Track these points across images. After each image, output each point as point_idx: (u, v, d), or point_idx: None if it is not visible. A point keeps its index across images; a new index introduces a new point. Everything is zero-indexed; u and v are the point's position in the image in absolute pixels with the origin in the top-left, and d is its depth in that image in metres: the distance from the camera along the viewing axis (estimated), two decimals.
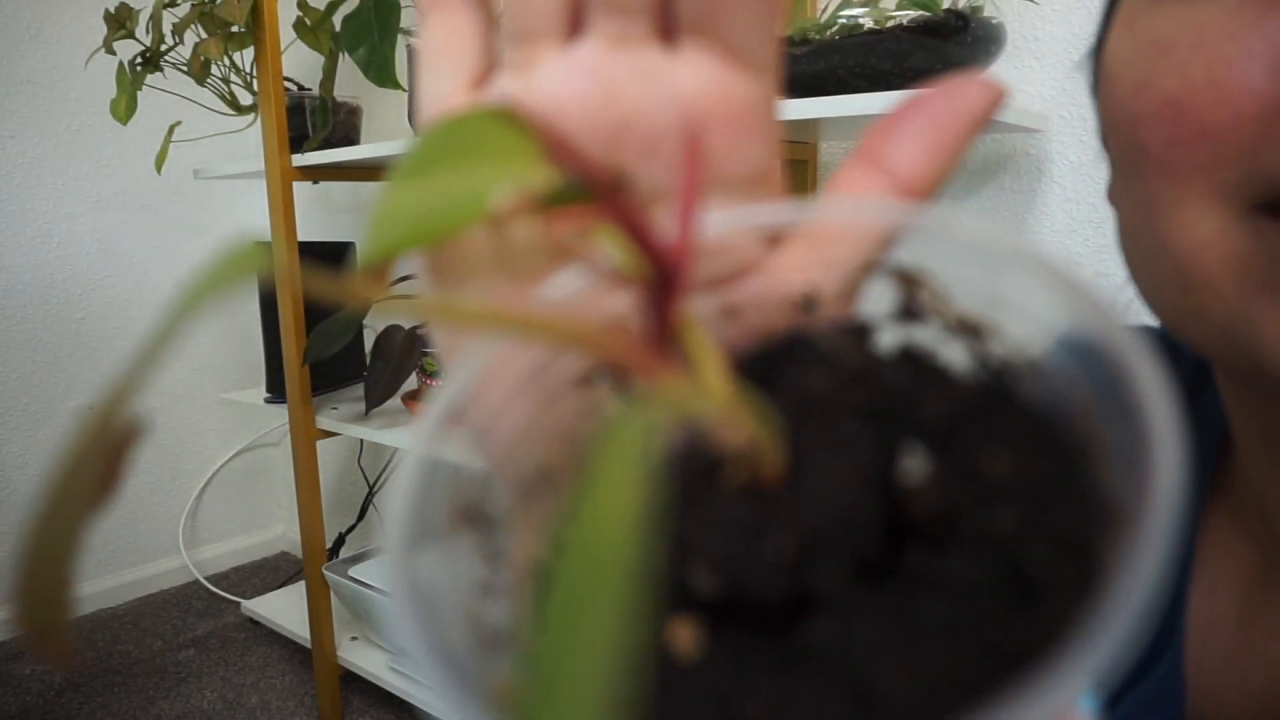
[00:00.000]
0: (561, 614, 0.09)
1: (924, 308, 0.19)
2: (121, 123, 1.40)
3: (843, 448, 0.15)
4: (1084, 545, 0.14)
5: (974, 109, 0.19)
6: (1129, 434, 0.13)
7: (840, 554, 0.14)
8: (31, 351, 1.89)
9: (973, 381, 0.17)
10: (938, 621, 0.13)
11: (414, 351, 1.39)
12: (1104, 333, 0.14)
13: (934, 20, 0.87)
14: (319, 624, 1.53)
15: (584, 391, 0.19)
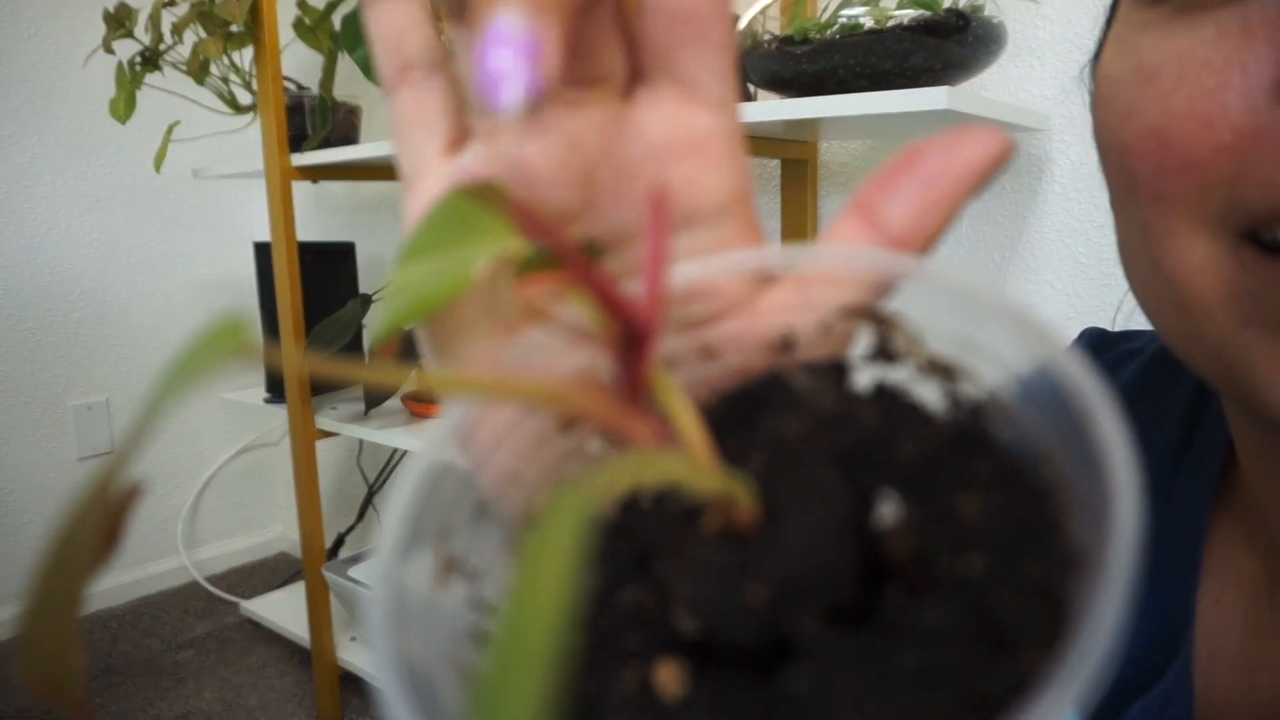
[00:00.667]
0: (486, 697, 0.09)
1: (897, 350, 0.19)
2: (121, 122, 1.40)
3: (817, 492, 0.16)
4: (1052, 591, 0.14)
5: (973, 167, 0.19)
6: (1092, 480, 0.14)
7: (815, 600, 0.14)
8: (29, 351, 1.89)
9: (946, 423, 0.18)
10: (912, 668, 0.13)
11: (413, 352, 1.39)
12: (1066, 379, 0.15)
13: (934, 19, 0.86)
14: (318, 624, 1.53)
15: (569, 436, 0.20)
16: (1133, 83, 0.28)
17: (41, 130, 1.86)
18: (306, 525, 1.50)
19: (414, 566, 0.17)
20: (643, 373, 0.15)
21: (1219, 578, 0.37)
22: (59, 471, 1.94)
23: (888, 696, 0.13)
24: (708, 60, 0.19)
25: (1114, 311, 0.99)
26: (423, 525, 0.17)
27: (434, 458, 0.17)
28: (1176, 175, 0.27)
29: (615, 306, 0.15)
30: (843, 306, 0.19)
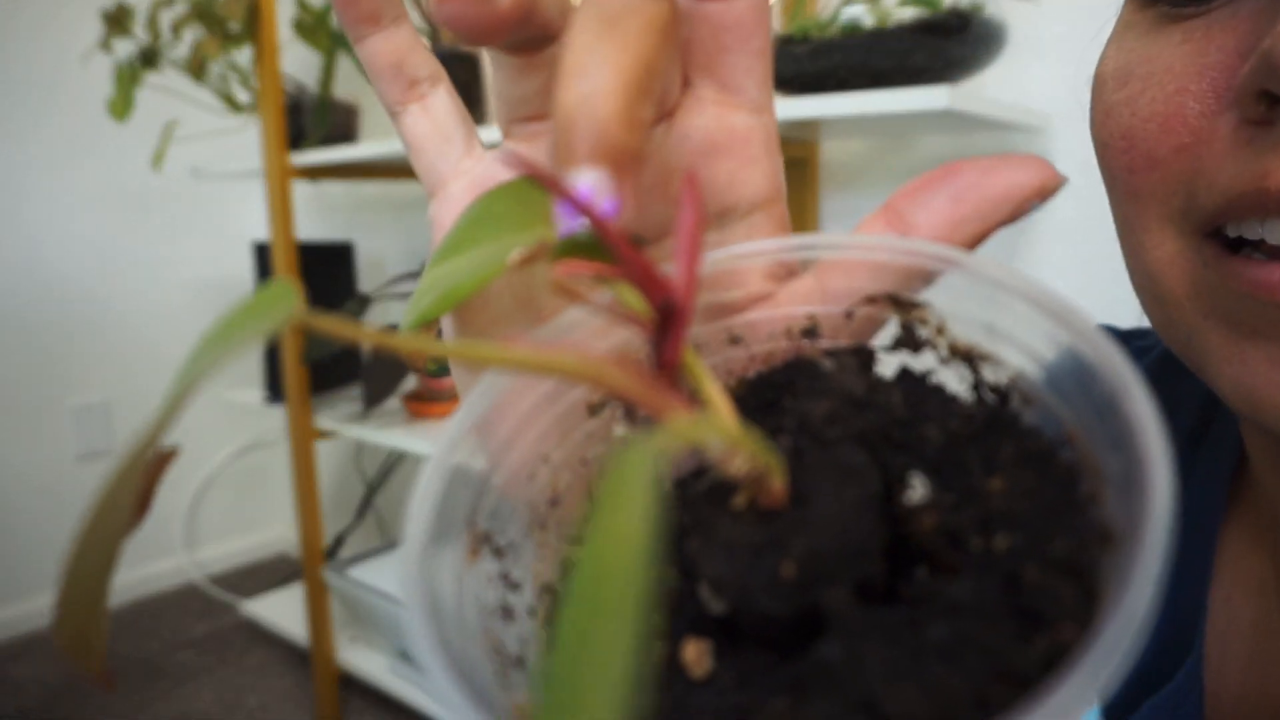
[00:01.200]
0: (572, 634, 0.09)
1: (924, 336, 0.19)
2: (119, 121, 1.40)
3: (845, 471, 0.16)
4: (1083, 568, 0.14)
5: (1008, 191, 0.19)
6: (1123, 459, 0.14)
7: (844, 575, 0.15)
8: (27, 351, 1.89)
9: (971, 407, 0.18)
10: (942, 643, 0.14)
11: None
12: (1096, 359, 0.15)
13: (935, 19, 0.86)
14: (317, 625, 1.53)
15: (595, 418, 0.20)
16: (1112, 84, 0.30)
17: (39, 130, 1.86)
18: (306, 525, 1.49)
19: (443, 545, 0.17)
20: (676, 350, 0.16)
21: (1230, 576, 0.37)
22: (56, 472, 1.94)
23: (917, 668, 0.13)
24: (749, 67, 0.20)
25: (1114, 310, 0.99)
26: (450, 504, 0.17)
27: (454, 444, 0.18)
28: (1143, 173, 0.28)
29: (652, 283, 0.15)
30: (868, 294, 0.20)
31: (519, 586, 0.19)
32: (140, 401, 2.04)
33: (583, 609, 0.10)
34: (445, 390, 1.38)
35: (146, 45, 1.39)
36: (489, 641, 0.17)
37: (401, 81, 0.22)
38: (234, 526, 2.23)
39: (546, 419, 0.20)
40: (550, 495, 0.20)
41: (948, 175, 0.20)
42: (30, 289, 1.88)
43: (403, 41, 0.22)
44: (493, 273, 0.16)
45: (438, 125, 0.22)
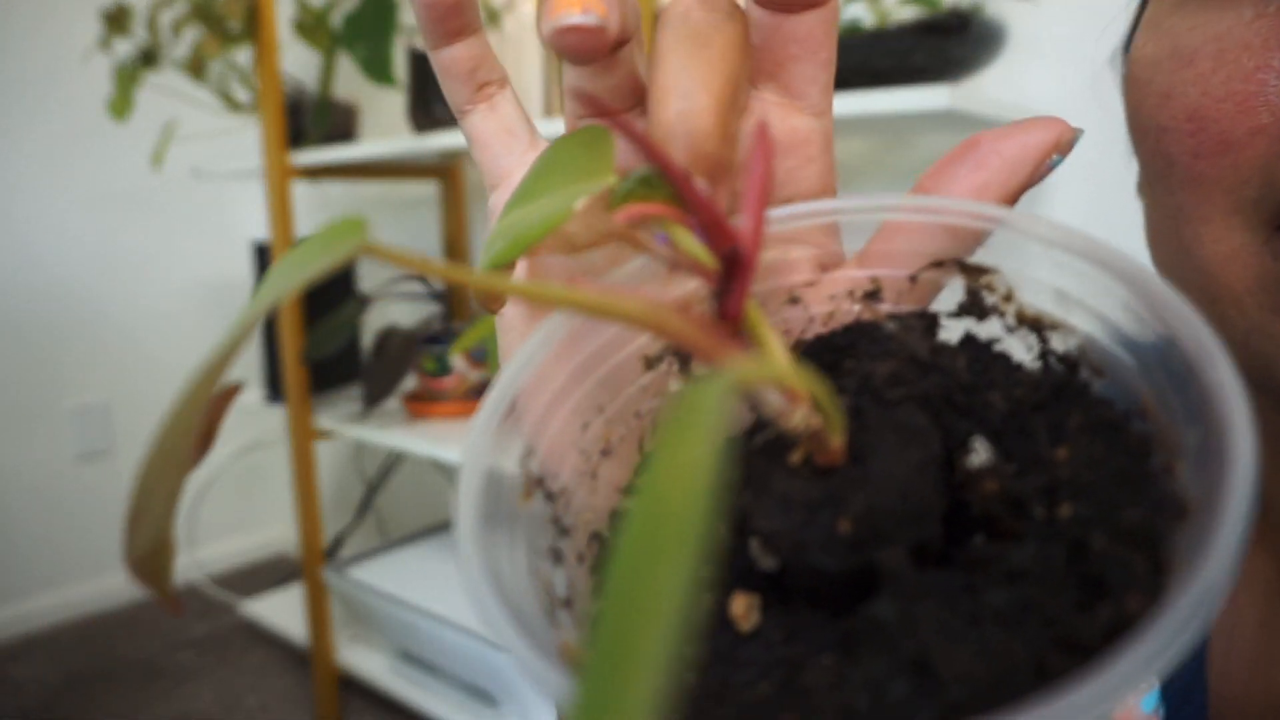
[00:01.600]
0: (627, 568, 0.09)
1: (990, 303, 0.19)
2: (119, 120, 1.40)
3: (907, 432, 0.16)
4: (1152, 540, 0.14)
5: (1025, 150, 0.20)
6: (1201, 430, 0.13)
7: (901, 535, 0.15)
8: (25, 351, 1.89)
9: (1038, 376, 0.18)
10: (1000, 608, 0.13)
11: (412, 352, 1.38)
12: (1176, 327, 0.14)
13: (935, 19, 0.86)
14: (317, 625, 1.53)
15: (651, 372, 0.21)
16: (1170, 65, 0.28)
17: (38, 130, 1.86)
18: (305, 526, 1.49)
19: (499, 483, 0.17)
20: (740, 301, 0.16)
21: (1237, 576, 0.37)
22: (55, 472, 1.94)
23: (974, 631, 0.13)
24: (814, 75, 0.21)
25: None
26: (507, 441, 0.17)
27: (514, 381, 0.18)
28: (1213, 158, 0.27)
29: (720, 231, 0.15)
30: (936, 258, 0.20)
31: (568, 532, 0.19)
32: (139, 402, 2.03)
33: (640, 541, 0.09)
34: (445, 390, 1.38)
35: (146, 45, 1.39)
36: (539, 581, 0.17)
37: (473, 84, 0.23)
38: (234, 526, 2.22)
39: (604, 370, 0.20)
40: (603, 446, 0.20)
41: (967, 148, 0.20)
42: (29, 289, 1.88)
43: (480, 48, 0.23)
44: (560, 218, 0.17)
45: (504, 123, 0.24)
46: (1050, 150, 0.20)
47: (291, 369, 1.41)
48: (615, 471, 0.21)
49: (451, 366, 1.37)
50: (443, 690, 1.42)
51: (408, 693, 1.43)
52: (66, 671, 1.76)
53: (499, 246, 0.18)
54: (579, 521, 0.19)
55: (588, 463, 0.20)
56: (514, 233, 0.18)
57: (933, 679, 0.13)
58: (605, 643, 0.09)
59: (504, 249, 0.18)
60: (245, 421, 2.15)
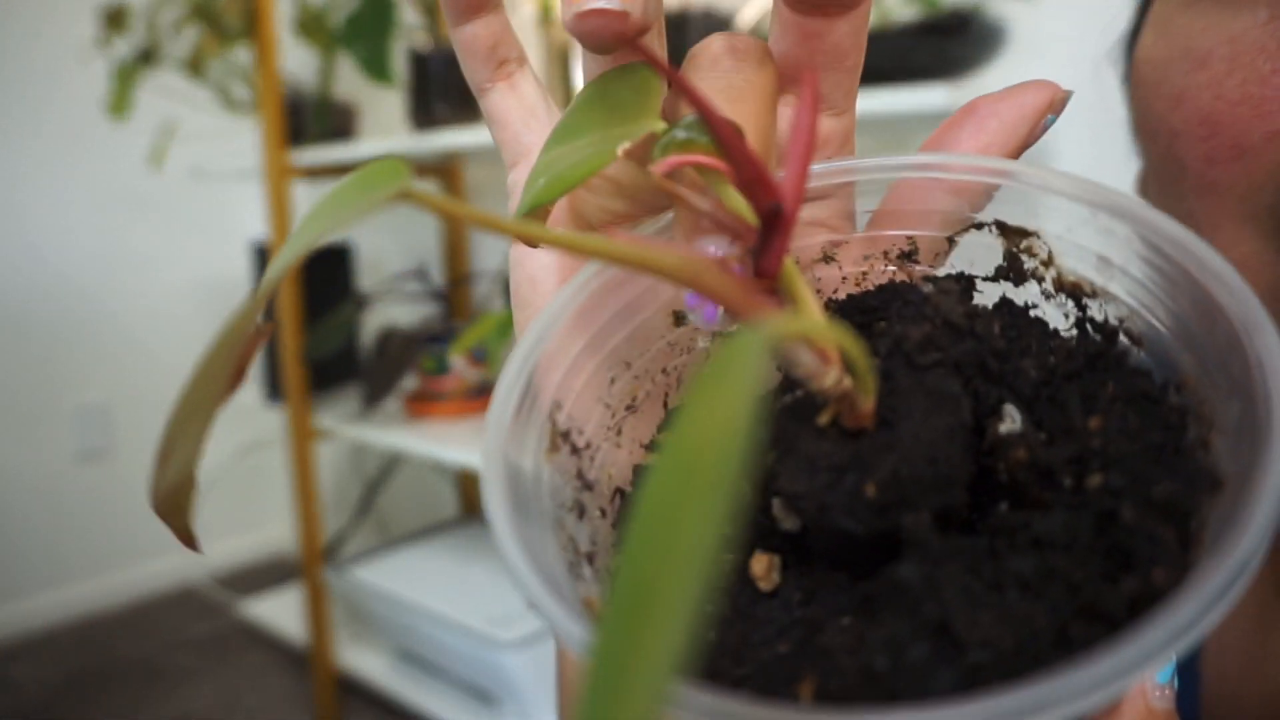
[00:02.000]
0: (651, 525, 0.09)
1: (1030, 266, 0.19)
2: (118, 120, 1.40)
3: (937, 397, 0.15)
4: (1183, 514, 0.14)
5: (1021, 111, 0.20)
6: (1241, 403, 0.13)
7: (927, 501, 0.14)
8: (25, 351, 1.88)
9: (1074, 344, 0.17)
10: (1024, 574, 0.13)
11: (412, 352, 1.38)
12: (1223, 296, 0.14)
13: (936, 19, 0.86)
14: (317, 626, 1.53)
15: (679, 328, 0.21)
16: (1182, 66, 0.27)
17: (37, 129, 1.86)
18: (305, 526, 1.49)
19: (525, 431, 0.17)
20: (779, 258, 0.15)
21: None
22: (55, 471, 1.94)
23: (997, 597, 0.13)
24: (839, 81, 0.21)
25: None
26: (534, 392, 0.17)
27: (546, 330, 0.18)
28: (1226, 164, 0.26)
29: (763, 186, 0.15)
30: (945, 217, 0.20)
31: (592, 487, 0.19)
32: (139, 401, 2.03)
33: (667, 493, 0.09)
34: (445, 390, 1.38)
35: (145, 44, 1.39)
36: (563, 535, 0.17)
37: (493, 62, 0.23)
38: (233, 526, 2.22)
39: (631, 325, 0.20)
40: (628, 401, 0.20)
41: (966, 112, 0.21)
42: (28, 289, 1.88)
43: (500, 26, 0.23)
44: (603, 161, 0.16)
45: (524, 101, 0.24)
46: (1045, 110, 0.20)
47: (291, 369, 1.41)
48: (640, 427, 0.21)
49: (451, 366, 1.37)
50: (443, 690, 1.42)
51: (407, 693, 1.43)
52: (66, 671, 1.76)
53: (540, 185, 0.17)
54: (603, 476, 0.19)
55: (613, 418, 0.20)
56: (555, 171, 0.17)
57: (954, 642, 0.12)
58: (626, 594, 0.09)
59: (545, 188, 0.17)
60: (245, 421, 2.15)
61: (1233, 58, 0.26)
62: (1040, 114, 0.20)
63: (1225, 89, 0.26)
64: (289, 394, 1.43)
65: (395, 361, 1.37)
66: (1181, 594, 0.11)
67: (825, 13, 0.20)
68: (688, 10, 1.04)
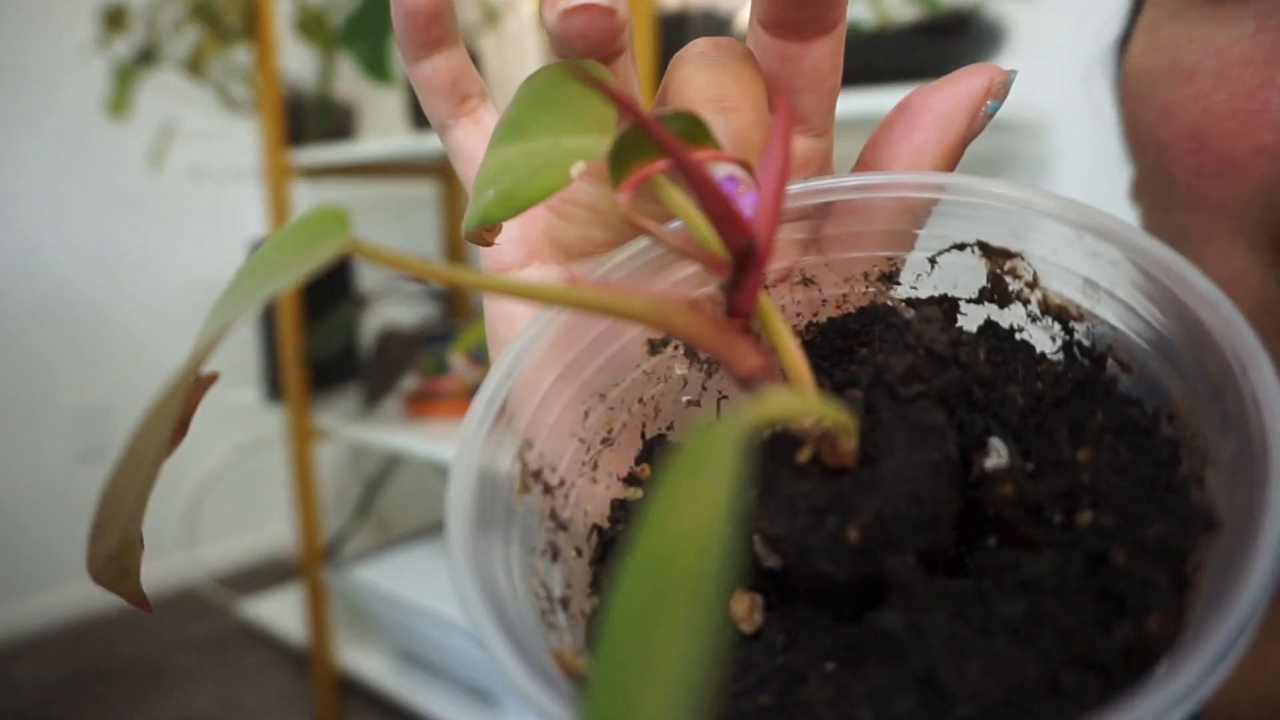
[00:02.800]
0: (629, 623, 0.08)
1: (1015, 288, 0.18)
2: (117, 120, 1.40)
3: (920, 432, 0.15)
4: (1178, 555, 0.13)
5: (958, 101, 0.19)
6: (1237, 439, 0.13)
7: (911, 541, 0.14)
8: (24, 351, 1.88)
9: (1062, 369, 0.17)
10: (1013, 620, 0.13)
11: (411, 352, 1.38)
12: (1214, 325, 0.13)
13: (936, 19, 0.86)
14: (317, 626, 1.53)
15: (655, 356, 0.20)
16: (1170, 79, 0.27)
17: (37, 129, 1.86)
18: (305, 526, 1.49)
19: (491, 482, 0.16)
20: (752, 298, 0.15)
21: None
22: (54, 471, 1.93)
23: (985, 644, 0.12)
24: (818, 103, 0.21)
25: None
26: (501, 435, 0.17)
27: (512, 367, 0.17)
28: (1215, 178, 0.26)
29: (732, 222, 0.14)
30: (895, 233, 0.19)
31: (566, 526, 0.18)
32: (138, 401, 2.03)
33: (640, 607, 0.08)
34: (445, 390, 1.37)
35: (145, 44, 1.39)
36: (534, 581, 0.16)
37: (455, 98, 0.23)
38: (233, 526, 2.22)
39: (605, 355, 0.19)
40: (604, 434, 0.19)
41: (899, 110, 0.20)
42: (26, 289, 1.88)
43: (460, 60, 0.22)
44: (556, 183, 0.15)
45: (488, 135, 0.23)
46: (983, 97, 0.19)
47: (291, 369, 1.41)
48: (617, 460, 0.20)
49: (451, 366, 1.37)
50: (443, 690, 1.42)
51: (407, 693, 1.43)
52: (65, 672, 1.76)
53: (490, 197, 0.16)
54: (578, 514, 0.19)
55: (588, 452, 0.19)
56: (504, 185, 0.16)
57: (940, 695, 0.12)
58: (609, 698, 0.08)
59: (496, 203, 0.16)
60: (244, 421, 2.15)
61: (1219, 71, 0.25)
62: (979, 102, 0.19)
63: (1212, 103, 0.26)
64: (289, 394, 1.43)
65: (395, 361, 1.37)
66: (1182, 655, 0.11)
67: (802, 36, 0.19)
68: (688, 10, 1.04)
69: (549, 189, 0.15)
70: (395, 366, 1.37)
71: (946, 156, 0.19)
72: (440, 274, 0.13)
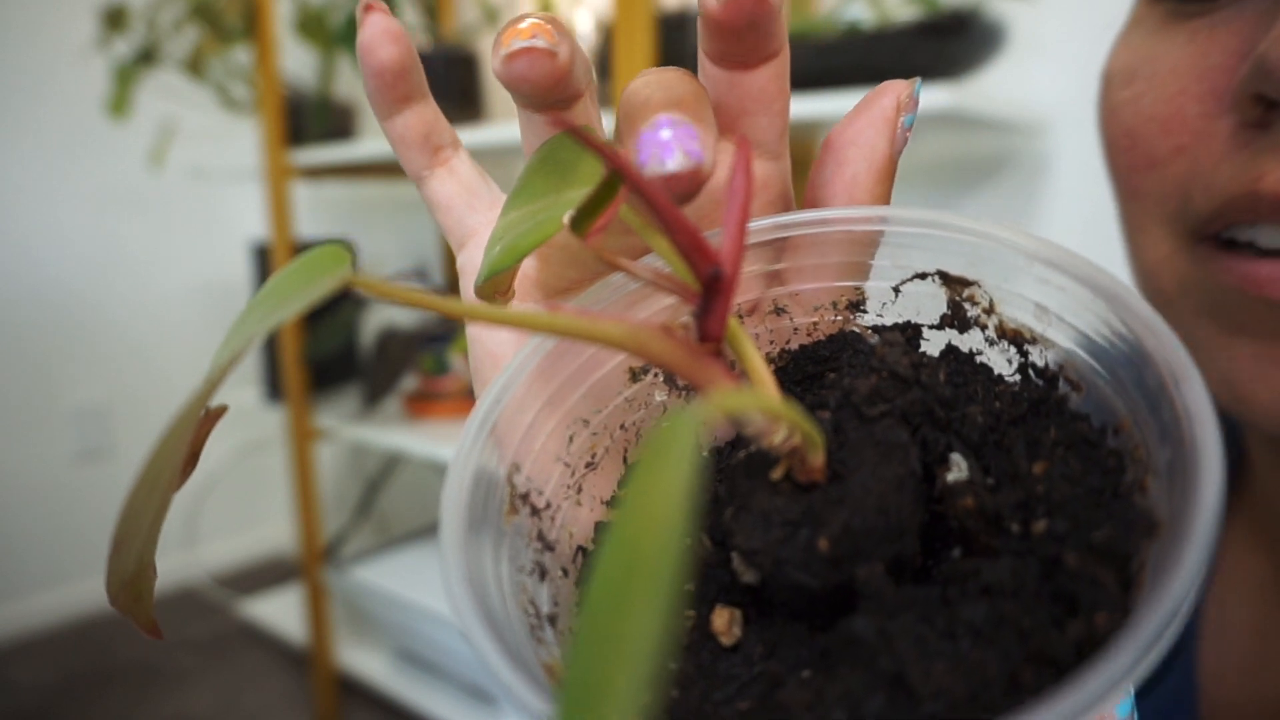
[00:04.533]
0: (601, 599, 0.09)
1: (973, 314, 0.19)
2: (117, 120, 1.40)
3: (886, 449, 0.16)
4: (1124, 556, 0.14)
5: (874, 125, 0.20)
6: (1171, 449, 0.14)
7: (879, 552, 0.15)
8: (24, 352, 1.88)
9: (1018, 389, 0.18)
10: (975, 623, 0.14)
11: (412, 352, 1.38)
12: (1151, 345, 0.15)
13: (935, 19, 0.86)
14: (317, 626, 1.53)
15: (636, 384, 0.21)
16: (1118, 82, 0.30)
17: (37, 130, 1.86)
18: (305, 525, 1.49)
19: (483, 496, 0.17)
20: (721, 323, 0.16)
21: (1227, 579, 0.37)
22: (53, 472, 1.93)
23: (949, 646, 0.13)
24: (770, 124, 0.21)
25: None
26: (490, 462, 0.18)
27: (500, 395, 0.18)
28: (1144, 172, 0.29)
29: (700, 253, 0.15)
30: (849, 265, 0.20)
31: (553, 547, 0.19)
32: (138, 402, 2.03)
33: (614, 574, 0.09)
34: (445, 390, 1.37)
35: (145, 43, 1.39)
36: (524, 598, 0.17)
37: (428, 150, 0.23)
38: (233, 526, 2.22)
39: (589, 383, 0.20)
40: (588, 459, 0.20)
41: (824, 150, 0.21)
42: (27, 289, 1.88)
43: (430, 114, 0.23)
44: (550, 230, 0.17)
45: (463, 184, 0.24)
46: (895, 116, 0.20)
47: (291, 369, 1.41)
48: (601, 484, 0.21)
49: (451, 366, 1.37)
50: (443, 690, 1.42)
51: (407, 693, 1.43)
52: (65, 672, 1.76)
53: (495, 253, 0.18)
54: (564, 535, 0.19)
55: (573, 476, 0.20)
56: (508, 239, 0.18)
57: (909, 694, 0.13)
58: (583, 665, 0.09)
59: (500, 256, 0.18)
60: (245, 421, 2.15)
61: (1151, 77, 0.28)
62: (893, 122, 0.20)
63: (1142, 105, 0.28)
64: (289, 394, 1.43)
65: (395, 361, 1.37)
66: (1120, 642, 0.12)
67: (746, 65, 0.20)
68: (688, 10, 1.04)
69: (545, 237, 0.17)
70: (395, 366, 1.37)
71: (879, 181, 0.20)
72: (434, 304, 0.14)
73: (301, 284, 0.13)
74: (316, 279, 0.13)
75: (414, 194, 1.79)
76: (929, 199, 1.14)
